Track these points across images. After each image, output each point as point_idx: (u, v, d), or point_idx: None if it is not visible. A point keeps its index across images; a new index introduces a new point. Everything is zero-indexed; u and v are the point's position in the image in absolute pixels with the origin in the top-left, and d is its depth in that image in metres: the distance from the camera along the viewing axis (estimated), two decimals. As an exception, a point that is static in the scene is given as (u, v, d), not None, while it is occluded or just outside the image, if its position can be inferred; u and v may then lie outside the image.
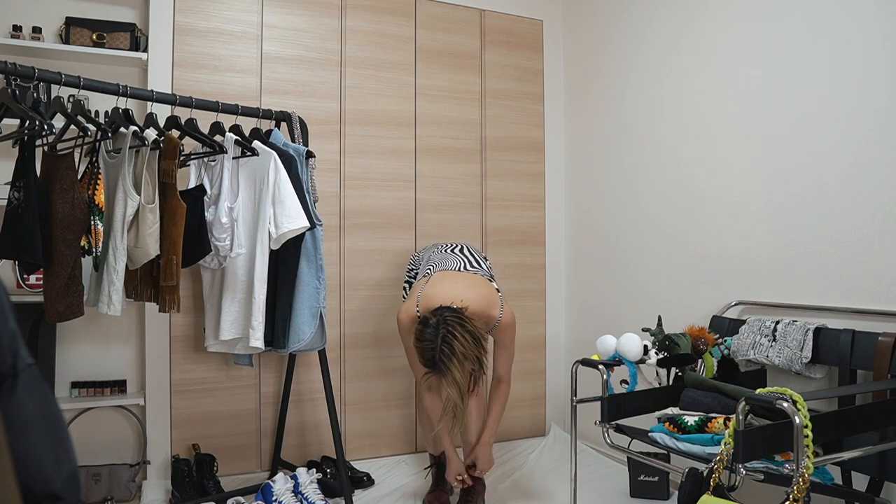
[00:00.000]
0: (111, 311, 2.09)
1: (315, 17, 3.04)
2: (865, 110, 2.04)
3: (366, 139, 3.12)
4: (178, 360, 2.77)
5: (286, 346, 2.39)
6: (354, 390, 3.10)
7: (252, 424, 2.90)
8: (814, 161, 2.20)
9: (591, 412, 2.14)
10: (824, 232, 2.16)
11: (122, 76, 2.72)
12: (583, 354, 2.44)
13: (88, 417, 2.69)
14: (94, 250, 2.13)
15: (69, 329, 2.63)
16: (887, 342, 1.85)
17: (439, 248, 2.72)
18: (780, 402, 1.42)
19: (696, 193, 2.69)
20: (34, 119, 1.89)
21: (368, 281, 3.13)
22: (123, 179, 2.07)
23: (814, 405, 2.02)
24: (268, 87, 2.93)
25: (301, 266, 2.42)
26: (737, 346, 2.19)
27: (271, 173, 2.25)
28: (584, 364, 2.18)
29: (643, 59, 2.99)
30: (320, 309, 2.43)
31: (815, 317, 2.15)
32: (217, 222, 2.28)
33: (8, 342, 0.72)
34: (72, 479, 0.76)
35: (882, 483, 1.84)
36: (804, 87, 2.24)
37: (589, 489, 2.70)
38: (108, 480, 2.60)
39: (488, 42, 3.41)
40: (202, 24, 2.82)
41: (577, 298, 3.46)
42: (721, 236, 2.56)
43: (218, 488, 2.59)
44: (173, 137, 2.13)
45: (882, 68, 1.99)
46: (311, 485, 2.48)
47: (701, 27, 2.68)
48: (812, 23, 2.21)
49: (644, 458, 2.14)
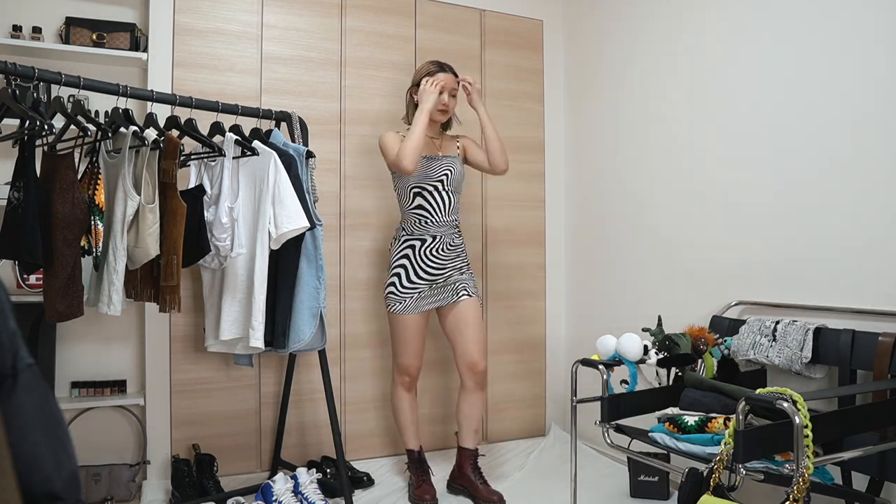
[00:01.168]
0: (111, 311, 2.09)
1: (315, 17, 3.04)
2: (866, 110, 2.04)
3: (366, 139, 3.12)
4: (178, 360, 2.76)
5: (286, 346, 2.39)
6: (354, 390, 3.10)
7: (252, 424, 2.90)
8: (814, 161, 2.20)
9: (591, 412, 2.13)
10: (824, 232, 2.16)
11: (122, 76, 2.72)
12: (583, 354, 2.44)
13: (88, 417, 2.69)
14: (94, 250, 2.13)
15: (69, 329, 2.63)
16: (887, 342, 1.85)
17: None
18: (780, 402, 1.42)
19: (696, 193, 2.69)
20: (34, 119, 1.89)
21: (368, 281, 3.13)
22: (123, 179, 2.07)
23: (814, 405, 2.02)
24: (268, 87, 2.93)
25: (301, 266, 2.42)
26: (737, 346, 2.19)
27: (271, 173, 2.25)
28: (584, 364, 2.18)
29: (643, 59, 2.99)
30: (320, 309, 2.43)
31: (815, 317, 2.15)
32: (217, 222, 2.28)
33: (8, 342, 0.72)
34: (72, 479, 0.76)
35: (882, 483, 1.84)
36: (804, 87, 2.24)
37: (589, 489, 2.70)
38: (108, 480, 2.60)
39: (488, 42, 3.41)
40: (202, 24, 2.82)
41: (577, 298, 3.46)
42: (721, 236, 2.56)
43: (218, 488, 2.59)
44: (173, 137, 2.13)
45: (887, 66, 1.99)
46: (311, 485, 2.48)
47: (701, 27, 2.68)
48: (809, 22, 2.21)
49: (644, 458, 2.14)
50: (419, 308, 2.61)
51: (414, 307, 2.61)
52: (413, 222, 2.63)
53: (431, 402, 3.24)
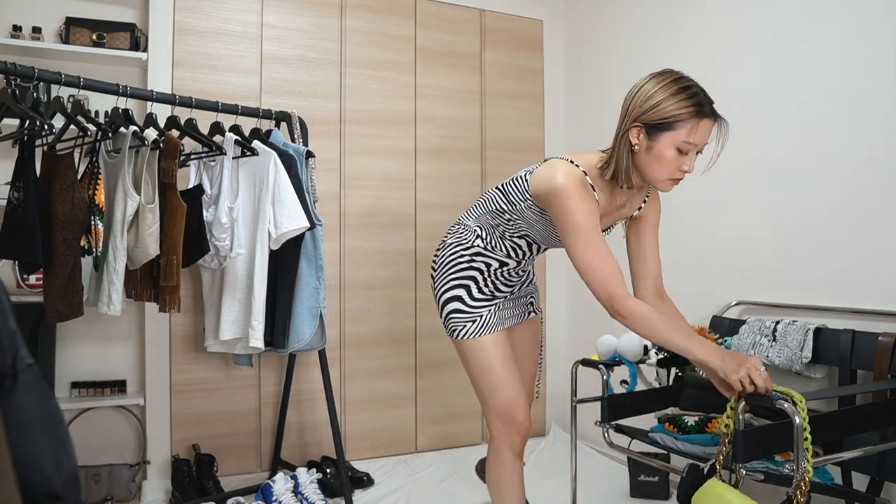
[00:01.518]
0: (111, 311, 2.09)
1: (315, 17, 3.04)
2: (866, 109, 2.04)
3: (366, 139, 3.12)
4: (178, 360, 2.76)
5: (286, 346, 2.39)
6: (354, 390, 3.10)
7: (252, 424, 2.90)
8: (814, 161, 2.20)
9: (591, 412, 2.13)
10: (824, 232, 2.16)
11: (122, 76, 2.72)
12: (583, 354, 2.44)
13: (88, 417, 2.69)
14: (94, 250, 2.13)
15: (69, 329, 2.63)
16: (887, 342, 1.84)
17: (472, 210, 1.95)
18: (781, 403, 1.42)
19: (695, 193, 2.69)
20: (34, 119, 1.89)
21: (368, 281, 3.13)
22: (123, 179, 2.07)
23: (814, 405, 2.02)
24: (268, 87, 2.93)
25: (301, 266, 2.41)
26: (737, 346, 2.19)
27: (271, 173, 2.25)
28: (584, 364, 2.18)
29: (643, 59, 2.99)
30: (320, 309, 2.43)
31: (815, 317, 2.15)
32: (217, 222, 2.28)
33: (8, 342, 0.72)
34: (72, 479, 0.76)
35: (882, 483, 1.84)
36: (804, 87, 2.23)
37: (589, 489, 2.69)
38: (108, 480, 2.60)
39: (488, 42, 3.41)
40: (202, 24, 2.82)
41: (577, 298, 3.46)
42: (721, 236, 2.56)
43: (218, 488, 2.59)
44: (173, 137, 2.13)
45: (888, 66, 1.99)
46: (311, 485, 2.48)
47: (702, 28, 2.68)
48: (807, 23, 2.21)
49: (644, 458, 2.14)
50: (502, 324, 1.87)
51: (496, 323, 1.85)
52: (501, 246, 1.86)
53: (431, 402, 3.24)
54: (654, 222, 1.87)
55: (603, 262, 1.60)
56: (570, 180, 1.61)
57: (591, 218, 1.61)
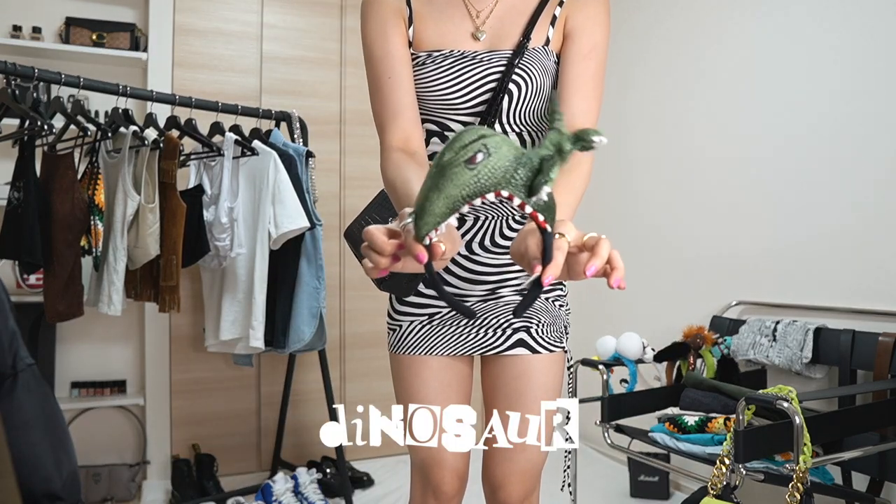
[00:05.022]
0: (111, 311, 2.09)
1: (315, 17, 3.04)
2: (866, 109, 2.04)
3: (366, 139, 3.12)
4: (178, 360, 2.76)
5: (286, 346, 2.39)
6: (354, 390, 3.10)
7: (252, 424, 2.90)
8: (814, 161, 2.20)
9: (591, 412, 2.13)
10: (824, 232, 2.16)
11: (122, 76, 2.72)
12: (583, 354, 2.44)
13: (88, 417, 2.69)
14: (94, 250, 2.13)
15: (69, 329, 2.63)
16: (887, 342, 1.84)
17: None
18: (780, 403, 1.42)
19: (696, 193, 2.69)
20: (34, 119, 1.89)
21: (368, 281, 3.11)
22: (123, 179, 2.07)
23: (814, 405, 2.02)
24: (268, 87, 2.93)
25: (301, 266, 2.41)
26: (737, 346, 2.19)
27: (271, 173, 2.25)
28: (584, 364, 2.18)
29: (644, 60, 2.99)
30: (320, 309, 2.43)
31: (815, 317, 2.15)
32: (217, 222, 2.28)
33: (8, 342, 0.72)
34: (72, 479, 0.76)
35: (882, 483, 1.84)
36: (804, 87, 2.23)
37: (589, 489, 2.69)
38: (108, 480, 2.60)
39: (488, 42, 3.41)
40: (202, 24, 2.82)
41: (577, 298, 3.45)
42: (721, 236, 2.56)
43: (218, 488, 2.59)
44: (173, 137, 2.13)
45: (888, 66, 1.99)
46: (311, 485, 2.48)
47: (702, 27, 2.68)
48: (806, 23, 2.21)
49: (644, 458, 2.14)
50: (447, 349, 1.30)
51: (430, 344, 1.31)
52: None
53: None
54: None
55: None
56: None
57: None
